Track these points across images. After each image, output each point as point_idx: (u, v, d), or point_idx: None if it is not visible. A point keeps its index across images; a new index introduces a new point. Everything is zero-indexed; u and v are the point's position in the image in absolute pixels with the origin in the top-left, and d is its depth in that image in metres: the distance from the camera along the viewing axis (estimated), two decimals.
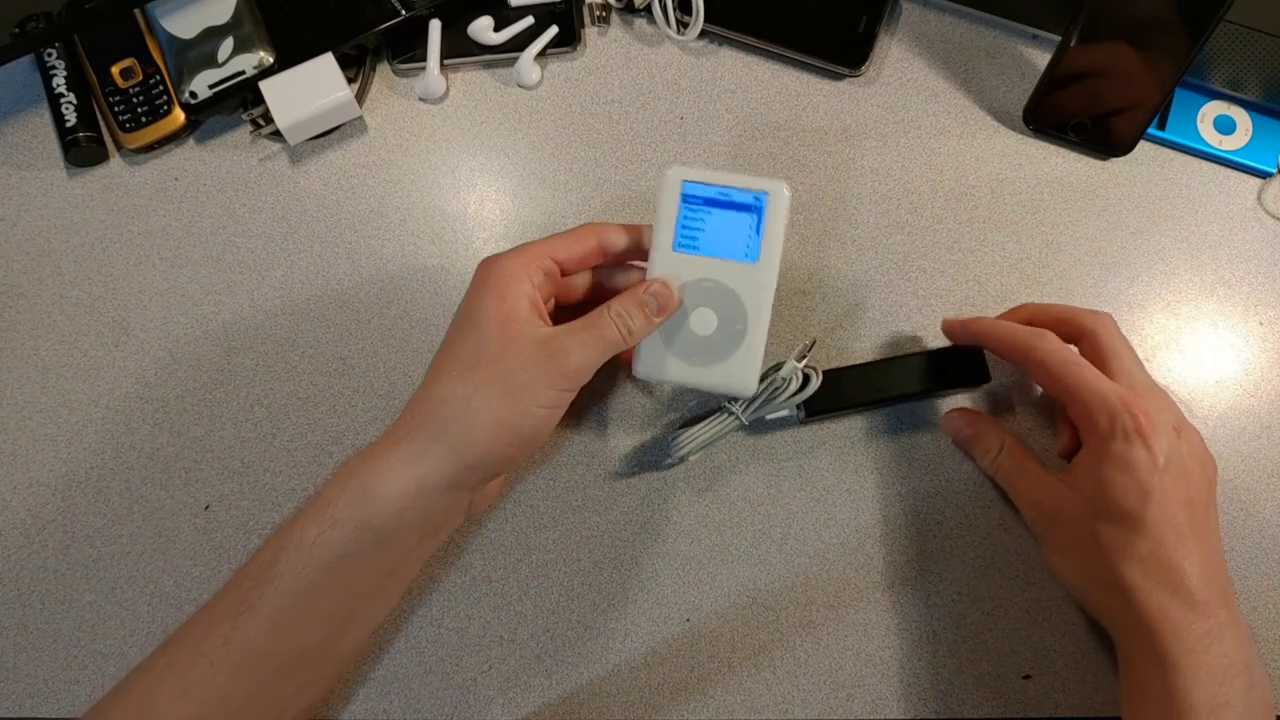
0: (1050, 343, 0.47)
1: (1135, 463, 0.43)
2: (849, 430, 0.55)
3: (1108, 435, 0.44)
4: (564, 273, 0.47)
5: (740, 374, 0.48)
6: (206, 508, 0.55)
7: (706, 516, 0.54)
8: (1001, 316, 0.52)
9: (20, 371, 0.57)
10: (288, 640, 0.40)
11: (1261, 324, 0.56)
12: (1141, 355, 0.55)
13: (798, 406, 0.52)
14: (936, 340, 0.56)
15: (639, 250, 0.48)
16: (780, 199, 0.48)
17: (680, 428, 0.52)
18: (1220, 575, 0.44)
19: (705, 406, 0.55)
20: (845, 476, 0.54)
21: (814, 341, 0.50)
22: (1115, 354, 0.47)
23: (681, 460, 0.53)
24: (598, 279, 0.50)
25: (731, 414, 0.51)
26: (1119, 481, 0.43)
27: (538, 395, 0.41)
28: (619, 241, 0.47)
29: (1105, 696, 0.50)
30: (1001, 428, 0.52)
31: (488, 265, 0.44)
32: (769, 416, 0.52)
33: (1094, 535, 0.44)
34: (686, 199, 0.48)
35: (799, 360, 0.50)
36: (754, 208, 0.48)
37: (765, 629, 0.52)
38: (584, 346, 0.42)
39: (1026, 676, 0.51)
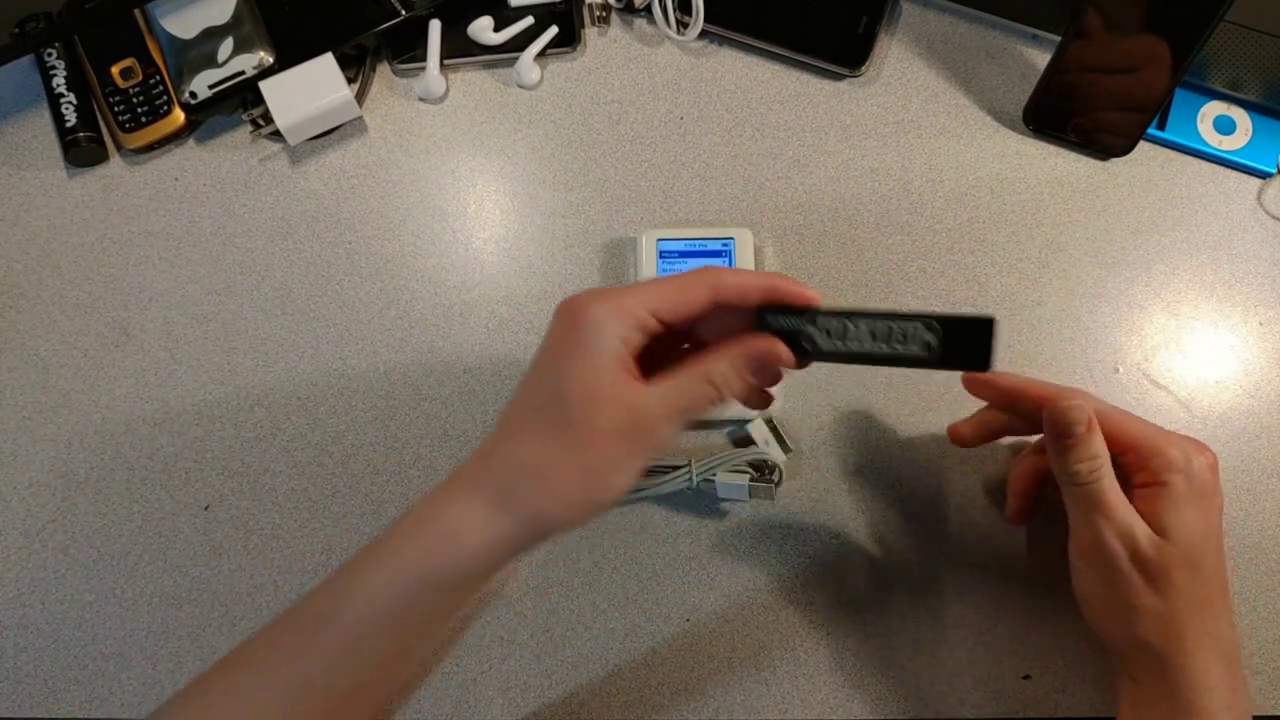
0: (1089, 396, 0.45)
1: (1211, 500, 0.43)
2: (849, 430, 0.55)
3: (1185, 473, 0.43)
4: (666, 327, 0.40)
5: None
6: (206, 508, 0.55)
7: (707, 516, 0.54)
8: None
9: (20, 371, 0.57)
10: (342, 678, 0.40)
11: (1261, 324, 0.56)
12: (1141, 355, 0.56)
13: (749, 491, 0.51)
14: None
15: (765, 300, 0.40)
16: (746, 242, 0.55)
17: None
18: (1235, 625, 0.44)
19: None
20: (845, 477, 0.54)
21: (779, 474, 0.51)
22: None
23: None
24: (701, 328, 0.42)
25: (685, 473, 0.51)
26: (1190, 519, 0.42)
27: (621, 471, 0.38)
28: (737, 293, 0.39)
29: (1105, 696, 0.50)
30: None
31: (573, 312, 0.39)
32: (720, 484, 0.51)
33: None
34: (663, 254, 0.55)
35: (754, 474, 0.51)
36: (723, 252, 0.55)
37: (765, 629, 0.52)
38: (667, 419, 0.38)
39: (1026, 676, 0.51)
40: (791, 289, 0.40)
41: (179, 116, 0.60)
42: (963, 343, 0.38)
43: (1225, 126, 0.59)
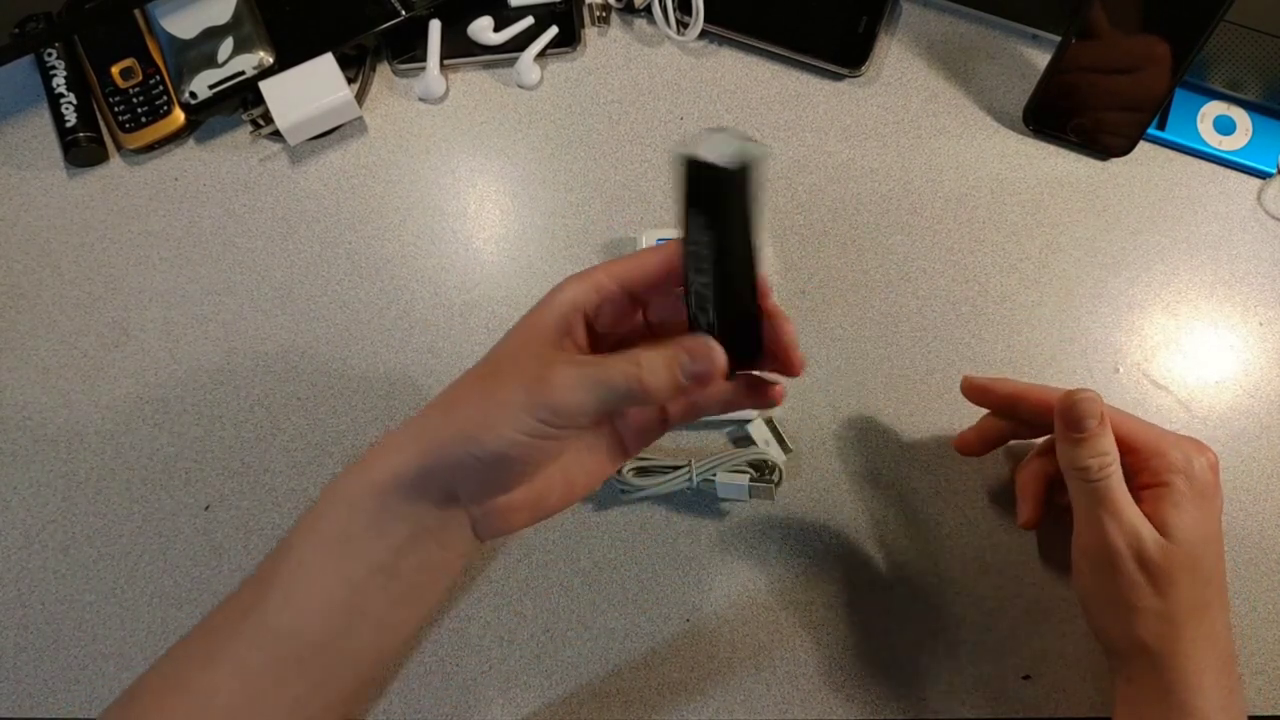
0: (1093, 394, 0.44)
1: (1212, 501, 0.43)
2: (849, 430, 0.55)
3: (1186, 474, 0.43)
4: (636, 299, 0.40)
5: None
6: (206, 508, 0.55)
7: (707, 516, 0.54)
8: (982, 383, 0.50)
9: (20, 371, 0.57)
10: (296, 619, 0.39)
11: (1261, 324, 0.56)
12: (1141, 355, 0.56)
13: (749, 491, 0.52)
14: (938, 336, 0.56)
15: None
16: None
17: (634, 471, 0.52)
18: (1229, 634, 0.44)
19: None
20: (845, 477, 0.54)
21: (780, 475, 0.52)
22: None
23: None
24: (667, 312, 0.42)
25: (685, 473, 0.51)
26: (1192, 520, 0.42)
27: (510, 417, 0.37)
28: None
29: (1105, 696, 0.50)
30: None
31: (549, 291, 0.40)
32: (720, 482, 0.52)
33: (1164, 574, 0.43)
34: None
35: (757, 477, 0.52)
36: None
37: (765, 629, 0.52)
38: (575, 384, 0.37)
39: (1026, 676, 0.51)
40: None
41: (179, 116, 0.60)
42: (710, 197, 0.33)
43: (1225, 126, 0.59)
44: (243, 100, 0.60)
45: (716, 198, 0.33)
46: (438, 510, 0.40)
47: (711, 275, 0.35)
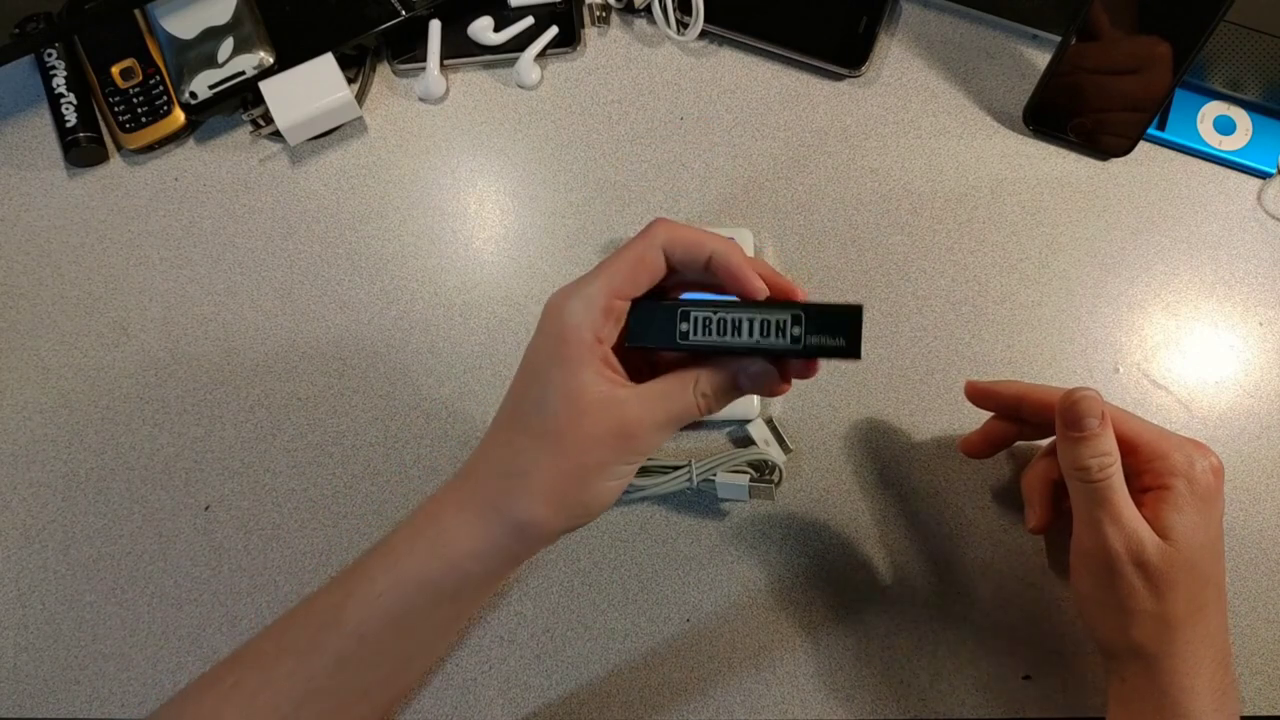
0: (1094, 393, 0.44)
1: (1213, 505, 0.43)
2: (849, 430, 0.55)
3: (1187, 477, 0.43)
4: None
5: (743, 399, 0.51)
6: (206, 508, 0.55)
7: (707, 516, 0.54)
8: (986, 386, 0.50)
9: (20, 371, 0.57)
10: (349, 680, 0.41)
11: (1261, 324, 0.56)
12: (1141, 355, 0.56)
13: (749, 491, 0.52)
14: (938, 336, 0.56)
15: (717, 268, 0.39)
16: (746, 242, 0.56)
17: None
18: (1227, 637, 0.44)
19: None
20: (845, 478, 0.54)
21: (780, 475, 0.52)
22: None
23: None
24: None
25: (685, 473, 0.51)
26: (1192, 524, 0.42)
27: (609, 475, 0.39)
28: (689, 259, 0.40)
29: (1105, 697, 0.50)
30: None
31: (552, 316, 0.39)
32: (720, 481, 0.52)
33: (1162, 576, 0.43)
34: None
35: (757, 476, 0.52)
36: None
37: (765, 629, 0.52)
38: (660, 427, 0.39)
39: (1026, 676, 0.51)
40: (735, 267, 0.39)
41: (179, 116, 0.60)
42: (830, 330, 0.37)
43: (1225, 126, 0.59)
44: (243, 100, 0.60)
45: (829, 351, 0.37)
46: (513, 564, 0.41)
47: (744, 305, 0.38)
